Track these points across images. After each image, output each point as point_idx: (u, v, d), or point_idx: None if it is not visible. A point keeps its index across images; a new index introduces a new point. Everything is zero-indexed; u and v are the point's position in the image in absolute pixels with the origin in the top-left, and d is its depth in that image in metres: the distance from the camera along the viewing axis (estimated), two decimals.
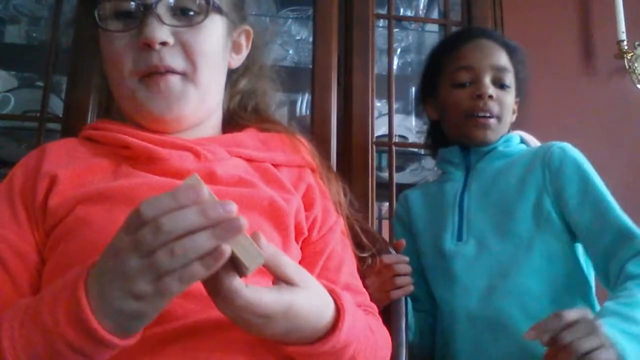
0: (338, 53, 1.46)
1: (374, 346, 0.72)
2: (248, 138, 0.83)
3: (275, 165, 0.82)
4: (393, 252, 1.01)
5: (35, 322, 0.53)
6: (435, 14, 1.81)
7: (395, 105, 1.52)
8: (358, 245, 0.90)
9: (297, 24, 1.77)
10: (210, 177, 0.74)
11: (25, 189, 0.73)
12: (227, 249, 0.49)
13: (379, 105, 1.61)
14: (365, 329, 0.70)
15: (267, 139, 0.85)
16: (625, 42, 1.69)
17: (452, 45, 1.18)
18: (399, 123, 1.64)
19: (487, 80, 1.12)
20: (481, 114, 1.11)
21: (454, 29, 1.58)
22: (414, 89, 1.77)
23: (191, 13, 0.76)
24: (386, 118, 1.50)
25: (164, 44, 0.73)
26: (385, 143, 1.47)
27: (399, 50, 1.79)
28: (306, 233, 0.79)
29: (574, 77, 1.76)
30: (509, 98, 1.14)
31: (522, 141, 1.21)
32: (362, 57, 1.45)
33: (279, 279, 0.57)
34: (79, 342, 0.51)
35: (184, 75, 0.75)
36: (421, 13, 1.80)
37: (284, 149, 0.84)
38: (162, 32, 0.73)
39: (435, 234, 1.12)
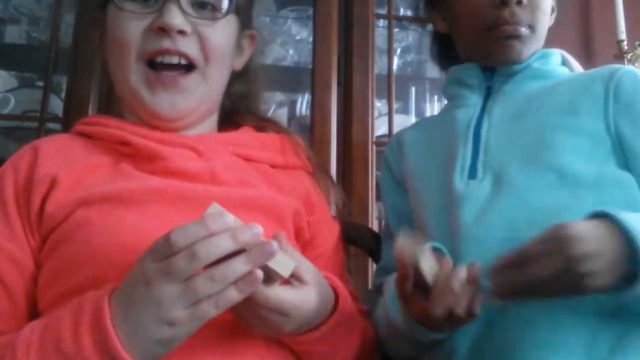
0: (338, 53, 1.46)
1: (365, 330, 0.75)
2: (247, 137, 0.83)
3: (272, 166, 0.82)
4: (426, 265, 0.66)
5: (56, 346, 0.53)
6: None
7: (395, 105, 1.52)
8: (350, 240, 0.91)
9: (297, 24, 1.77)
10: (213, 177, 0.73)
11: (19, 195, 0.70)
12: (260, 274, 0.52)
13: (379, 105, 1.61)
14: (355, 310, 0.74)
15: (265, 140, 0.84)
16: (625, 42, 1.69)
17: None
18: (399, 123, 1.64)
19: None
20: (506, 25, 0.84)
21: None
22: (414, 88, 1.77)
23: (210, 7, 0.75)
24: (386, 118, 1.50)
25: (181, 32, 0.72)
26: (385, 143, 1.47)
27: (399, 50, 1.79)
28: (308, 236, 0.79)
29: None
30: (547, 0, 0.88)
31: (564, 62, 0.95)
32: (362, 57, 1.45)
33: (292, 277, 0.59)
34: None
35: (194, 67, 0.74)
36: (421, 13, 1.80)
37: (283, 150, 0.84)
38: (182, 19, 0.72)
39: (442, 174, 0.85)
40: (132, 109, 0.78)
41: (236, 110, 0.88)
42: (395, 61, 1.69)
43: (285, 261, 0.55)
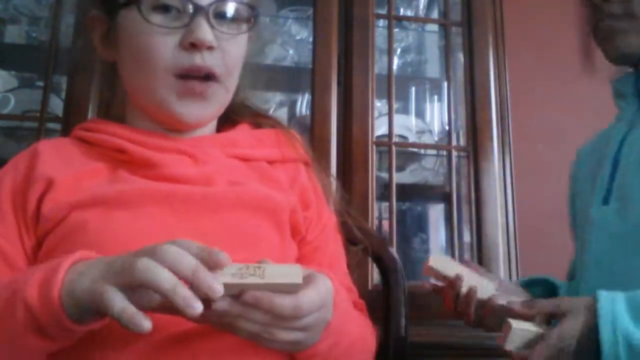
0: (338, 53, 1.46)
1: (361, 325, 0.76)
2: (242, 136, 0.83)
3: (270, 162, 0.82)
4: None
5: (9, 284, 0.57)
6: (435, 14, 1.80)
7: (395, 105, 1.52)
8: (350, 238, 0.91)
9: (297, 24, 1.77)
10: (208, 181, 0.74)
11: (16, 194, 0.71)
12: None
13: (379, 105, 1.61)
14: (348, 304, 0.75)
15: (261, 136, 0.85)
16: None
17: None
18: (399, 123, 1.64)
19: None
20: (601, 24, 0.80)
21: (453, 29, 1.58)
22: (414, 88, 1.77)
23: (231, 18, 0.76)
24: (386, 118, 1.50)
25: (210, 47, 0.73)
26: (385, 143, 1.47)
27: (399, 50, 1.79)
28: (303, 232, 0.80)
29: (574, 77, 1.76)
30: None
31: None
32: (362, 57, 1.45)
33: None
34: (37, 308, 0.54)
35: (218, 80, 0.75)
36: (421, 13, 1.80)
37: (279, 144, 0.84)
38: (211, 35, 0.72)
39: (588, 197, 0.82)
40: (147, 111, 0.78)
41: (232, 107, 0.88)
42: (395, 61, 1.69)
43: (289, 270, 0.54)
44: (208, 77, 0.74)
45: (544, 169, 1.70)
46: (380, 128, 1.54)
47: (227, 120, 0.86)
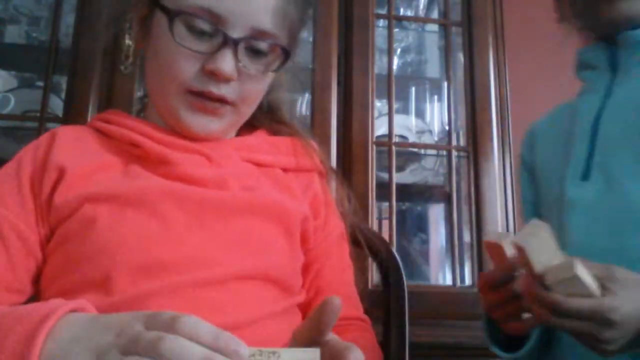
0: (338, 53, 1.46)
1: None
2: (259, 142, 0.83)
3: (284, 170, 0.82)
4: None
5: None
6: (435, 14, 1.81)
7: (395, 105, 1.52)
8: (352, 239, 0.90)
9: None
10: (221, 184, 0.73)
11: (34, 178, 0.71)
12: None
13: (379, 105, 1.61)
14: None
15: (278, 143, 0.84)
16: None
17: None
18: (399, 123, 1.64)
19: None
20: None
21: (454, 29, 1.58)
22: (414, 88, 1.77)
23: (262, 54, 0.74)
24: (386, 118, 1.50)
25: (228, 79, 0.73)
26: (385, 143, 1.47)
27: (399, 50, 1.79)
28: (311, 242, 0.79)
29: (574, 77, 1.76)
30: None
31: None
32: (362, 57, 1.45)
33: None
34: None
35: (231, 104, 0.75)
36: (421, 13, 1.81)
37: (295, 152, 0.84)
38: (233, 69, 0.72)
39: (559, 172, 0.80)
40: (164, 118, 0.78)
41: (258, 107, 0.87)
42: (395, 61, 1.69)
43: (306, 356, 0.46)
44: (220, 100, 0.74)
45: None
46: (380, 128, 1.54)
47: (246, 125, 0.85)
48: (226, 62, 0.71)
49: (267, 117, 0.88)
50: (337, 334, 0.77)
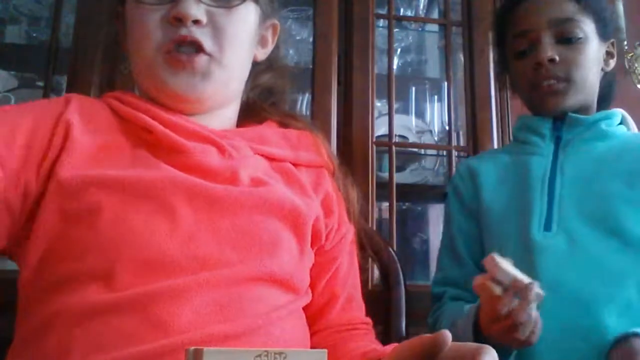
0: (338, 53, 1.46)
1: None
2: (271, 133, 0.81)
3: (294, 165, 0.80)
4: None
5: None
6: (435, 14, 1.81)
7: (395, 105, 1.51)
8: (358, 249, 0.89)
9: (297, 24, 1.77)
10: (233, 178, 0.72)
11: (42, 122, 0.69)
12: None
13: (379, 105, 1.61)
14: None
15: (290, 136, 0.82)
16: (625, 42, 1.69)
17: (506, 10, 1.04)
18: (399, 123, 1.64)
19: (547, 40, 0.96)
20: (545, 83, 0.96)
21: (454, 29, 1.58)
22: (414, 88, 1.77)
23: None
24: (386, 118, 1.50)
25: (196, 22, 0.71)
26: (385, 143, 1.47)
27: (399, 50, 1.79)
28: (323, 240, 0.78)
29: None
30: (583, 52, 0.97)
31: (622, 121, 1.04)
32: (362, 57, 1.45)
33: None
34: None
35: (209, 55, 0.73)
36: (421, 13, 1.80)
37: (307, 147, 0.82)
38: (197, 9, 0.71)
39: (521, 220, 0.93)
40: (153, 96, 0.76)
41: (260, 104, 0.86)
42: (395, 61, 1.69)
43: (313, 357, 0.48)
44: (196, 50, 0.72)
45: None
46: (380, 128, 1.54)
47: (254, 116, 0.84)
48: (187, 4, 0.70)
49: (275, 110, 0.86)
50: (342, 340, 0.77)
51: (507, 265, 0.72)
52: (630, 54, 1.69)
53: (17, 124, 0.67)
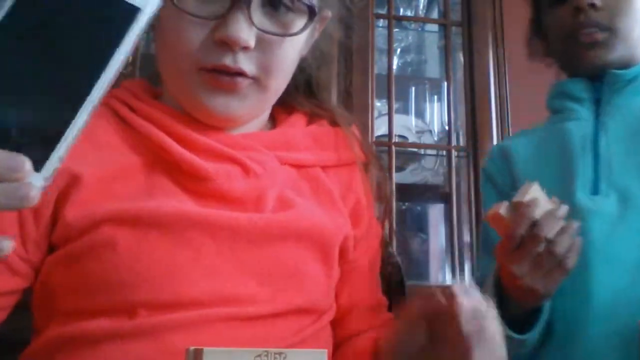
0: (338, 53, 1.46)
1: None
2: (297, 135, 0.74)
3: (323, 168, 0.74)
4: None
5: None
6: (435, 14, 1.81)
7: (395, 105, 1.52)
8: None
9: None
10: (258, 202, 0.66)
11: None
12: None
13: (379, 105, 1.61)
14: None
15: (319, 135, 0.75)
16: None
17: None
18: (399, 123, 1.64)
19: None
20: (584, 31, 0.84)
21: (453, 29, 1.58)
22: (413, 88, 1.78)
23: (284, 9, 0.63)
24: (386, 118, 1.50)
25: (245, 48, 0.61)
26: (385, 143, 1.47)
27: (398, 50, 1.79)
28: (350, 256, 0.73)
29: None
30: None
31: None
32: (362, 57, 1.45)
33: None
34: None
35: (253, 79, 0.64)
36: (421, 13, 1.81)
37: (336, 145, 0.75)
38: (248, 33, 0.60)
39: (562, 187, 0.83)
40: (180, 103, 0.68)
41: (291, 93, 0.77)
42: (395, 61, 1.69)
43: (313, 357, 0.48)
44: (239, 74, 0.63)
45: None
46: (380, 128, 1.54)
47: (283, 104, 0.75)
48: (238, 27, 0.60)
49: (305, 99, 0.77)
50: (362, 348, 0.74)
51: (538, 193, 0.68)
52: None
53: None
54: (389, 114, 1.48)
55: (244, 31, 0.60)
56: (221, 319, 0.60)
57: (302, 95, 0.77)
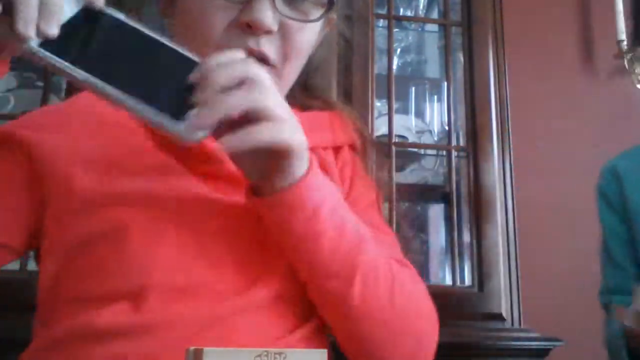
0: (338, 53, 1.46)
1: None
2: (300, 120, 0.70)
3: (323, 148, 0.74)
4: None
5: None
6: (435, 14, 1.81)
7: (395, 105, 1.52)
8: None
9: None
10: None
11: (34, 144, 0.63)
12: None
13: (379, 105, 1.61)
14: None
15: (316, 120, 0.76)
16: (625, 42, 1.70)
17: None
18: (399, 123, 1.64)
19: None
20: None
21: (453, 29, 1.58)
22: (413, 88, 1.78)
23: (306, 2, 0.67)
24: (386, 118, 1.50)
25: (267, 32, 0.64)
26: (385, 143, 1.47)
27: (398, 50, 1.79)
28: None
29: (574, 77, 1.77)
30: None
31: None
32: (362, 57, 1.45)
33: None
34: None
35: (272, 66, 0.66)
36: (421, 13, 1.81)
37: (332, 129, 0.77)
38: (272, 18, 0.64)
39: None
40: None
41: (292, 89, 0.78)
42: (395, 61, 1.69)
43: (312, 357, 0.46)
44: (260, 60, 0.65)
45: (544, 169, 1.70)
46: (380, 128, 1.54)
47: None
48: (263, 12, 0.63)
49: (300, 93, 0.79)
50: None
51: None
52: (630, 54, 1.70)
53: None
54: (389, 114, 1.48)
55: (269, 16, 0.63)
56: (232, 309, 0.60)
57: (300, 89, 0.78)
